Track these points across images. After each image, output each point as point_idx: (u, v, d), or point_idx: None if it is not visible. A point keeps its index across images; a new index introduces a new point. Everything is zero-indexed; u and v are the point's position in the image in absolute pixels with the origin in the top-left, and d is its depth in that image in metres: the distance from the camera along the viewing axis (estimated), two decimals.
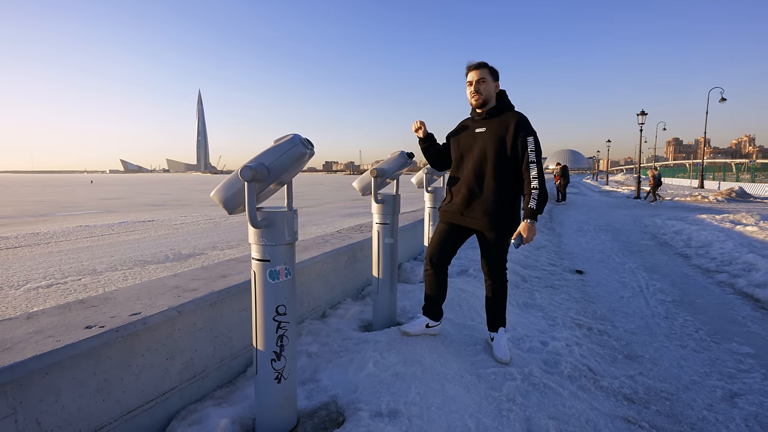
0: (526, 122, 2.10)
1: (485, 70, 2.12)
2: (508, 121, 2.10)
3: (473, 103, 2.18)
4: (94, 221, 10.50)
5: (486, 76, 2.12)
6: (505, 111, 2.16)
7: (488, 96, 2.14)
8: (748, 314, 3.36)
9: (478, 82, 2.12)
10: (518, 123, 2.08)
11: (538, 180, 2.03)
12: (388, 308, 2.50)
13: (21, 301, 3.92)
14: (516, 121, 2.08)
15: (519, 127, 2.07)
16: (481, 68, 2.12)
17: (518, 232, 2.05)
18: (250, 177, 1.23)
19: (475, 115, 2.22)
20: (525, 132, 2.06)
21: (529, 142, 2.04)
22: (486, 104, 2.16)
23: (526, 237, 2.03)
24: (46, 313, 1.55)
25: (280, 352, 1.45)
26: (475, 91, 2.13)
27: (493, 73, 2.15)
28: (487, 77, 2.12)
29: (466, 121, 2.29)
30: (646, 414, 1.95)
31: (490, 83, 2.13)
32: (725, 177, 27.88)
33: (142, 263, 5.56)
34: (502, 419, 1.70)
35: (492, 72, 2.14)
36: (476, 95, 2.13)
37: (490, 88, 2.14)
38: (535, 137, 2.06)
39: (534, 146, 2.04)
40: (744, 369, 2.42)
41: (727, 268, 4.75)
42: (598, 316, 3.28)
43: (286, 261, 1.42)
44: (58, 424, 1.24)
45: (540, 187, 2.03)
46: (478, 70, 2.12)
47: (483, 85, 2.12)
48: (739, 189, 16.76)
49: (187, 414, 1.59)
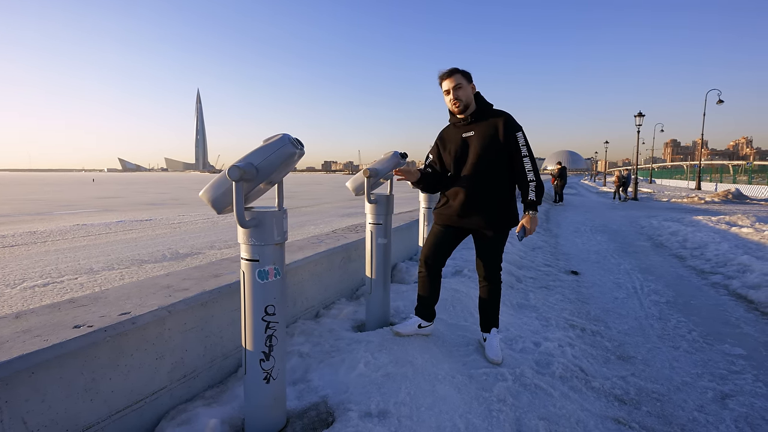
0: (513, 119, 2.16)
1: (458, 75, 2.13)
2: (495, 121, 2.14)
3: (455, 110, 2.19)
4: (91, 220, 10.47)
5: (461, 81, 2.13)
6: (488, 112, 2.19)
7: (468, 100, 2.16)
8: (741, 315, 3.37)
9: (455, 89, 2.13)
10: (506, 121, 2.13)
11: (533, 172, 2.12)
12: (381, 308, 2.50)
13: (17, 300, 3.91)
14: (504, 120, 2.13)
15: (507, 125, 2.12)
16: (454, 74, 2.13)
17: (521, 225, 2.12)
18: (238, 177, 1.23)
19: (457, 120, 2.23)
20: (514, 129, 2.13)
21: (519, 137, 2.12)
22: (467, 108, 2.18)
23: (529, 228, 2.10)
24: (35, 312, 1.55)
25: (269, 353, 1.45)
26: (454, 98, 2.14)
27: (467, 77, 2.16)
28: (462, 82, 2.13)
29: (448, 129, 2.30)
30: (636, 415, 1.95)
31: (466, 87, 2.15)
32: (722, 179, 27.97)
33: (140, 262, 5.54)
34: (492, 420, 1.70)
35: (465, 75, 2.15)
36: (456, 102, 2.14)
37: (468, 92, 2.16)
38: (523, 132, 2.15)
39: (524, 141, 2.13)
40: (735, 370, 2.43)
41: (721, 270, 4.77)
42: (591, 317, 3.29)
43: (275, 261, 1.42)
44: (44, 424, 1.24)
45: (536, 178, 2.12)
46: (452, 77, 2.13)
47: (460, 90, 2.13)
48: (736, 191, 16.82)
49: (177, 414, 1.58)
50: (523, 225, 2.10)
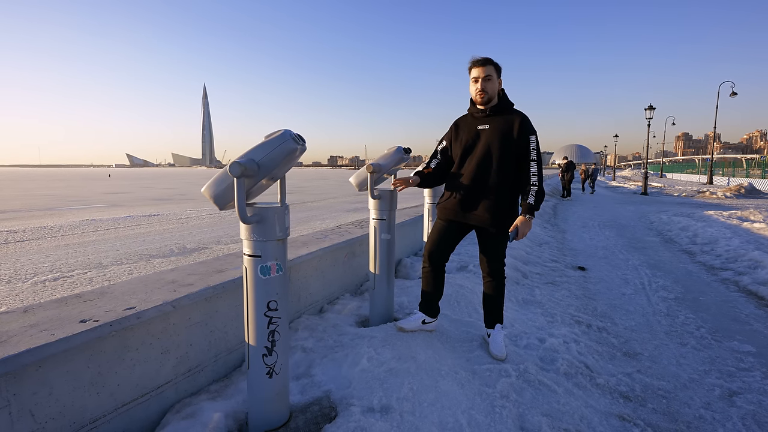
0: (529, 122, 2.14)
1: (491, 66, 2.10)
2: (512, 119, 2.12)
3: (478, 100, 2.16)
4: (100, 215, 10.61)
5: (492, 73, 2.10)
6: (507, 109, 2.17)
7: (492, 93, 2.13)
8: (751, 312, 3.32)
9: (485, 79, 2.09)
10: (522, 122, 2.11)
11: (537, 177, 2.09)
12: (385, 304, 2.50)
13: (28, 294, 3.98)
14: (520, 120, 2.11)
15: (523, 126, 2.10)
16: (487, 65, 2.09)
17: (515, 226, 2.07)
18: (239, 173, 1.23)
19: (476, 111, 2.20)
20: (528, 131, 2.11)
21: (532, 140, 2.10)
22: (490, 101, 2.15)
23: (521, 231, 2.06)
24: (43, 306, 1.57)
25: (271, 348, 1.45)
26: (481, 89, 2.10)
27: (498, 70, 2.13)
28: (493, 74, 2.10)
29: (466, 117, 2.27)
30: (641, 412, 1.94)
31: (495, 81, 2.12)
32: (735, 173, 27.47)
33: (148, 257, 5.61)
34: (495, 416, 1.70)
35: (497, 69, 2.13)
36: (482, 93, 2.11)
37: (495, 85, 2.13)
38: (537, 136, 2.12)
39: (536, 145, 2.11)
40: (744, 367, 2.40)
41: (732, 266, 4.70)
42: (598, 313, 3.26)
43: (278, 257, 1.42)
44: (52, 417, 1.26)
45: (539, 184, 2.09)
46: (485, 66, 2.09)
47: (489, 82, 2.10)
48: (749, 185, 16.51)
49: (182, 407, 1.60)
50: (516, 225, 2.06)
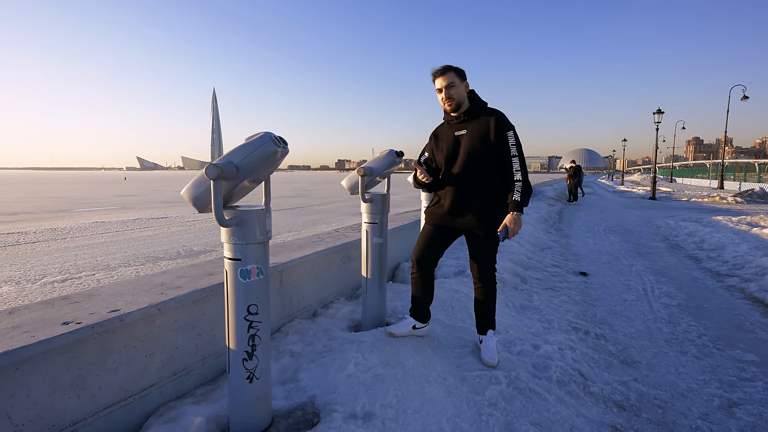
0: (505, 118, 2.12)
1: (451, 73, 2.09)
2: (487, 120, 2.11)
3: (447, 109, 2.17)
4: (109, 217, 10.74)
5: (454, 80, 2.09)
6: (481, 110, 2.16)
7: (460, 99, 2.13)
8: (756, 320, 3.23)
9: (448, 87, 2.09)
10: (498, 120, 2.09)
11: (521, 172, 2.07)
12: (377, 308, 2.48)
13: (37, 295, 4.02)
14: (496, 119, 2.10)
15: (499, 124, 2.09)
16: (447, 72, 2.09)
17: (504, 225, 2.05)
18: (216, 175, 1.23)
19: (451, 119, 2.21)
20: (505, 128, 2.09)
21: (510, 136, 2.08)
22: (460, 107, 2.15)
23: (511, 229, 2.03)
24: (29, 308, 1.58)
25: (251, 352, 1.44)
26: (446, 97, 2.11)
27: (460, 74, 2.12)
28: (455, 80, 2.10)
29: (442, 127, 2.28)
30: (635, 422, 1.88)
31: (459, 85, 2.11)
32: (746, 177, 26.98)
33: (155, 259, 5.65)
34: (481, 424, 1.66)
35: (459, 73, 2.11)
36: (449, 101, 2.12)
37: (461, 90, 2.12)
38: (514, 131, 2.11)
39: (515, 140, 2.09)
40: (746, 377, 2.33)
41: (739, 272, 4.59)
42: (597, 320, 3.20)
43: (258, 260, 1.42)
44: (29, 419, 1.26)
45: (523, 178, 2.07)
46: (445, 75, 2.09)
47: (453, 89, 2.10)
48: (760, 190, 16.18)
49: (165, 411, 1.60)
50: (505, 225, 2.04)
